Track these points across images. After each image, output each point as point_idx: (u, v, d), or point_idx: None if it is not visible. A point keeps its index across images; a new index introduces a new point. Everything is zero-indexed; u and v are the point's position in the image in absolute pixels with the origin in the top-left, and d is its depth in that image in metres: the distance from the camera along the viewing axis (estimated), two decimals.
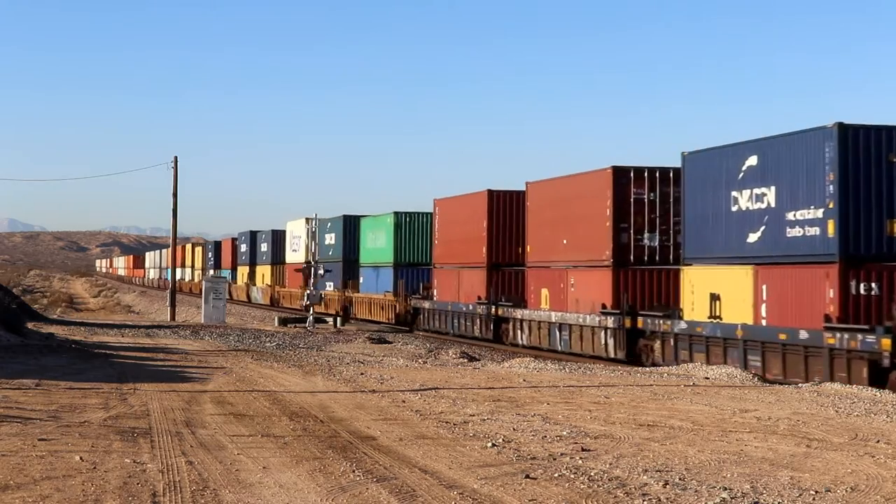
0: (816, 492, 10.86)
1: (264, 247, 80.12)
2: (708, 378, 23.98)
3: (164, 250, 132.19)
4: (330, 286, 60.55)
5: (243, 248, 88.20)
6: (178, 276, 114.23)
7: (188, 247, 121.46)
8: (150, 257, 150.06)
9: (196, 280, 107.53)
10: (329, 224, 63.23)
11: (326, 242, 62.93)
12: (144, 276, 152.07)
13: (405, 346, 36.46)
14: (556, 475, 11.50)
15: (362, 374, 23.29)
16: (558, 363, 28.26)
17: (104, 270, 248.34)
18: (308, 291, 50.74)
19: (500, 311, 38.70)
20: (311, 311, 48.38)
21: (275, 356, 28.78)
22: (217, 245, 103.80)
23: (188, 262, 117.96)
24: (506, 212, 40.40)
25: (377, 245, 54.33)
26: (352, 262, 58.90)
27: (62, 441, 13.14)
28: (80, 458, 11.91)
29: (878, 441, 14.28)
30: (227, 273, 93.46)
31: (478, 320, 40.53)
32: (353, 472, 11.58)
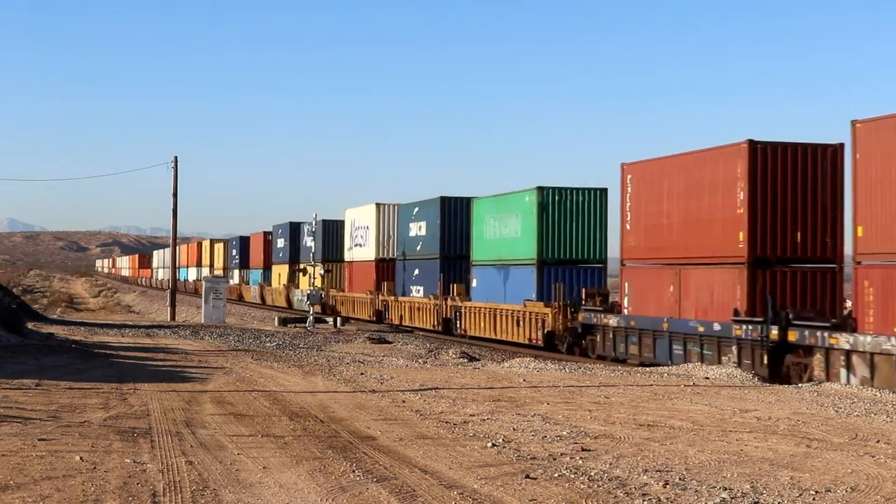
0: (816, 492, 10.86)
1: (311, 241, 63.39)
2: (708, 378, 23.97)
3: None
4: (418, 292, 47.72)
5: (280, 243, 72.65)
6: (193, 277, 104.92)
7: (205, 244, 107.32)
8: (159, 256, 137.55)
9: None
10: (416, 210, 48.55)
11: (411, 234, 48.71)
12: (152, 276, 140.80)
13: (405, 346, 36.48)
14: (556, 475, 11.50)
15: (362, 374, 23.29)
16: (558, 363, 28.25)
17: (106, 271, 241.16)
18: (308, 291, 50.66)
19: (791, 336, 24.59)
20: (311, 311, 48.38)
21: (275, 356, 28.79)
22: (243, 241, 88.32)
23: (205, 260, 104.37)
24: (779, 177, 26.54)
25: (505, 235, 39.42)
26: (455, 258, 44.79)
27: (62, 441, 13.14)
28: (80, 458, 11.91)
29: (878, 441, 14.28)
30: (257, 273, 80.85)
31: (734, 349, 26.20)
32: (353, 472, 11.58)
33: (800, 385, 22.70)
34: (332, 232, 62.15)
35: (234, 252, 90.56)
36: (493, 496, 10.49)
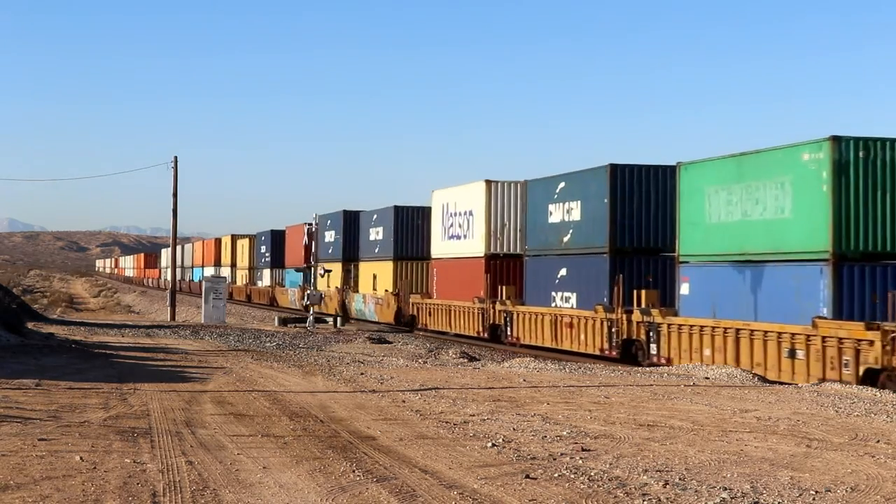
0: (816, 492, 10.86)
1: (377, 233, 52.67)
2: (708, 378, 23.96)
3: (186, 245, 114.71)
4: (566, 300, 34.55)
5: (329, 236, 59.93)
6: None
7: (225, 240, 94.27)
8: (168, 255, 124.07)
9: (241, 283, 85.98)
10: (560, 186, 35.16)
11: (553, 219, 35.41)
12: (160, 276, 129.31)
13: (405, 346, 36.44)
14: (556, 475, 11.50)
15: (362, 373, 23.29)
16: (558, 363, 28.23)
17: (108, 271, 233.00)
18: (308, 291, 50.57)
19: None
20: (311, 311, 48.38)
21: (275, 356, 28.79)
22: (276, 235, 74.68)
23: (226, 258, 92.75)
24: None
25: (756, 215, 26.22)
26: (632, 253, 31.80)
27: (62, 441, 13.15)
28: (80, 458, 11.91)
29: (878, 441, 14.28)
30: (295, 274, 66.51)
31: None
32: (353, 472, 11.58)
33: (799, 385, 22.69)
34: (408, 221, 50.16)
35: (264, 248, 77.53)
36: (493, 496, 10.49)
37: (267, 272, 77.34)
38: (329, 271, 54.21)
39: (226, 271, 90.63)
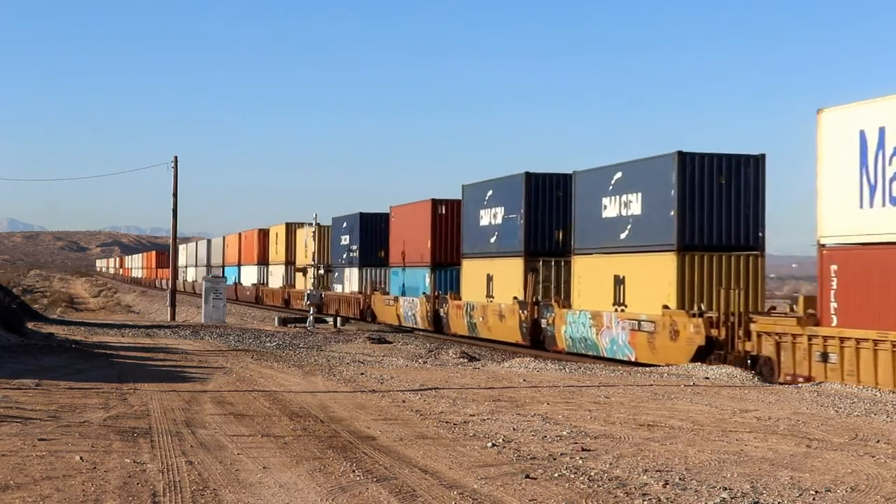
0: (816, 492, 10.86)
1: (624, 206, 31.16)
2: (708, 378, 23.98)
3: (214, 240, 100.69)
4: None
5: (486, 216, 40.02)
6: (252, 279, 79.50)
7: (276, 231, 73.18)
8: (187, 252, 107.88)
9: (303, 286, 60.69)
10: None
11: None
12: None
13: (405, 346, 36.46)
14: (556, 475, 11.50)
15: (362, 373, 23.30)
16: (558, 363, 28.24)
17: (111, 271, 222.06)
18: (308, 291, 50.58)
19: None
20: (312, 312, 48.38)
21: (275, 356, 28.80)
22: (368, 220, 54.53)
23: (276, 255, 72.50)
24: None
25: None
26: None
27: (62, 441, 13.14)
28: (80, 458, 11.91)
29: (878, 441, 14.28)
30: (418, 275, 46.68)
31: None
32: (354, 472, 11.58)
33: (800, 385, 22.71)
34: (702, 181, 28.96)
35: (346, 240, 56.33)
36: (493, 496, 10.49)
37: (353, 273, 56.08)
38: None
39: (277, 270, 71.80)
